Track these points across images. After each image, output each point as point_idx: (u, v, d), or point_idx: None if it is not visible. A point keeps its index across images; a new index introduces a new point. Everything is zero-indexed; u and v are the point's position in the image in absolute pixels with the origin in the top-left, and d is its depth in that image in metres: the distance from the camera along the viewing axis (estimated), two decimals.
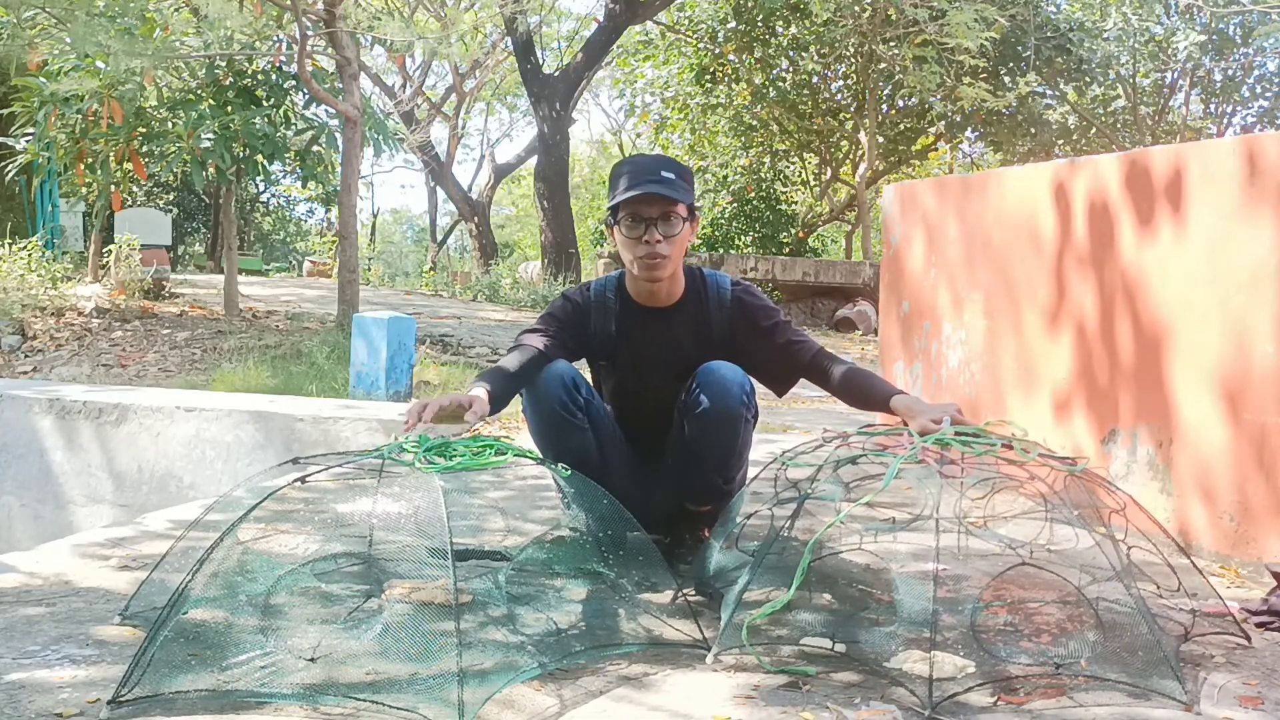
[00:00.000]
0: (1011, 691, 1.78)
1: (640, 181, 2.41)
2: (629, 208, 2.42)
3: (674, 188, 2.42)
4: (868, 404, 2.43)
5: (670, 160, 2.52)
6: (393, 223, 41.70)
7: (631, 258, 2.46)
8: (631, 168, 2.48)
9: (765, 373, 2.58)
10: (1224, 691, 1.80)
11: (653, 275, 2.47)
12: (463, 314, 12.19)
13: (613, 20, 14.82)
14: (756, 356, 2.55)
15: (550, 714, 1.68)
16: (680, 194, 2.43)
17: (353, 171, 8.65)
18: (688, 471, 2.46)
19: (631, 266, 2.49)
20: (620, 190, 2.43)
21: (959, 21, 11.72)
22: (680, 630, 2.03)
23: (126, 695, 1.64)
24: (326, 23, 8.37)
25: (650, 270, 2.46)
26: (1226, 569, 2.65)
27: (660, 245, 2.41)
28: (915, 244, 4.12)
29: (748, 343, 2.55)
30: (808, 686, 1.80)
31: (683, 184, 2.45)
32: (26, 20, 8.59)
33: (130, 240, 10.44)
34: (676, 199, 2.41)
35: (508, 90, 25.82)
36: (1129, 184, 3.01)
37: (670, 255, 2.44)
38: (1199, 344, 2.76)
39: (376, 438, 4.60)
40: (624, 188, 2.43)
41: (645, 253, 2.42)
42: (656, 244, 2.41)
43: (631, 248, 2.44)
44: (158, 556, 2.32)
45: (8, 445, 5.17)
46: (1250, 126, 17.95)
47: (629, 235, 2.43)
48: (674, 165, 2.49)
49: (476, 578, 2.30)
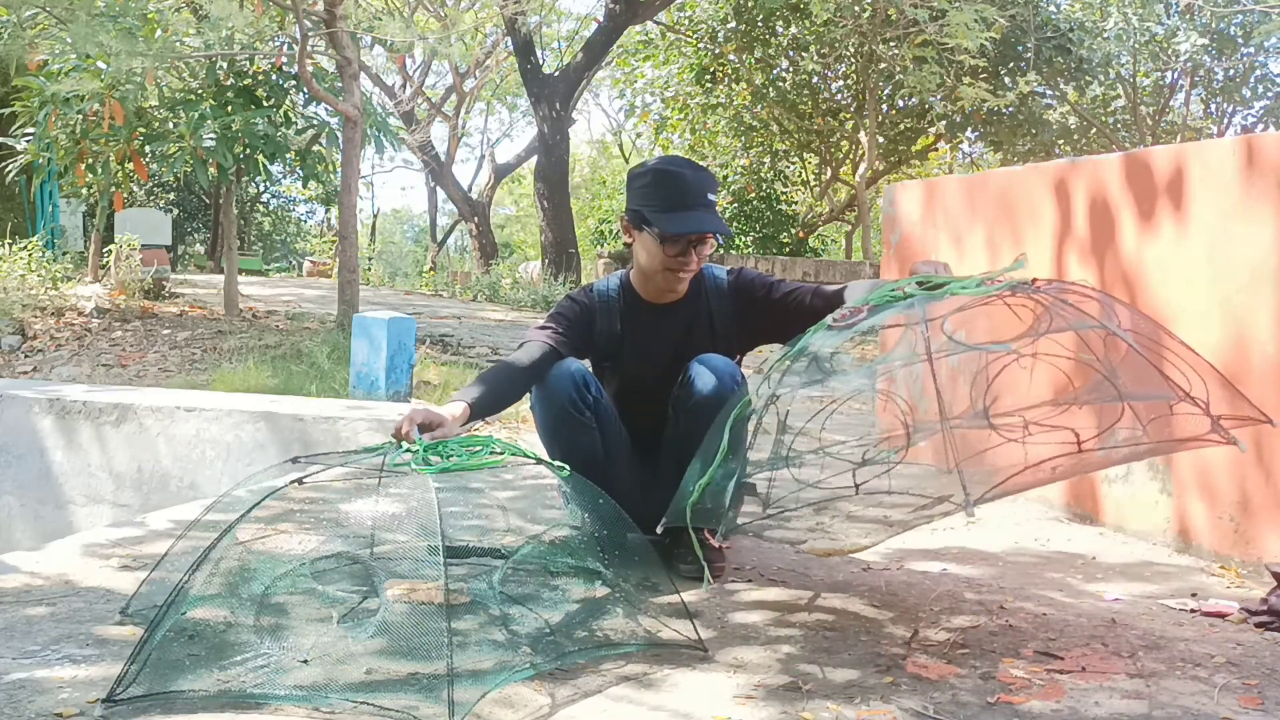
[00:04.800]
0: (1011, 691, 1.78)
1: (694, 206, 2.44)
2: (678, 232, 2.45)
3: (719, 218, 2.50)
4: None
5: (710, 176, 2.54)
6: (393, 223, 41.69)
7: (659, 269, 2.51)
8: (679, 187, 2.46)
9: (780, 332, 2.56)
10: (1224, 691, 1.80)
11: (677, 288, 2.56)
12: (463, 314, 12.19)
13: (613, 20, 14.82)
14: (766, 322, 2.59)
15: (548, 713, 1.68)
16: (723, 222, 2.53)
17: (353, 171, 8.65)
18: (683, 466, 2.46)
19: (655, 276, 2.54)
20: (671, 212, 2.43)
21: (959, 21, 11.71)
22: (679, 630, 2.03)
23: (122, 694, 1.64)
24: (327, 23, 8.37)
25: (677, 284, 2.55)
26: (1226, 569, 2.65)
27: (694, 264, 2.50)
28: (915, 243, 4.12)
29: (754, 315, 2.59)
30: (808, 686, 1.81)
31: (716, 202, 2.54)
32: (27, 20, 8.59)
33: (130, 240, 10.43)
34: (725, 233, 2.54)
35: (508, 90, 25.81)
36: (1129, 184, 3.01)
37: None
38: (1199, 343, 2.76)
39: (377, 438, 4.60)
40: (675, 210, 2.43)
41: (680, 269, 2.50)
42: (693, 264, 2.50)
43: (665, 261, 2.49)
44: (158, 556, 2.32)
45: (8, 445, 5.17)
46: (1251, 126, 17.94)
47: (668, 253, 2.47)
48: (714, 183, 2.53)
49: (476, 577, 2.30)
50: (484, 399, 2.24)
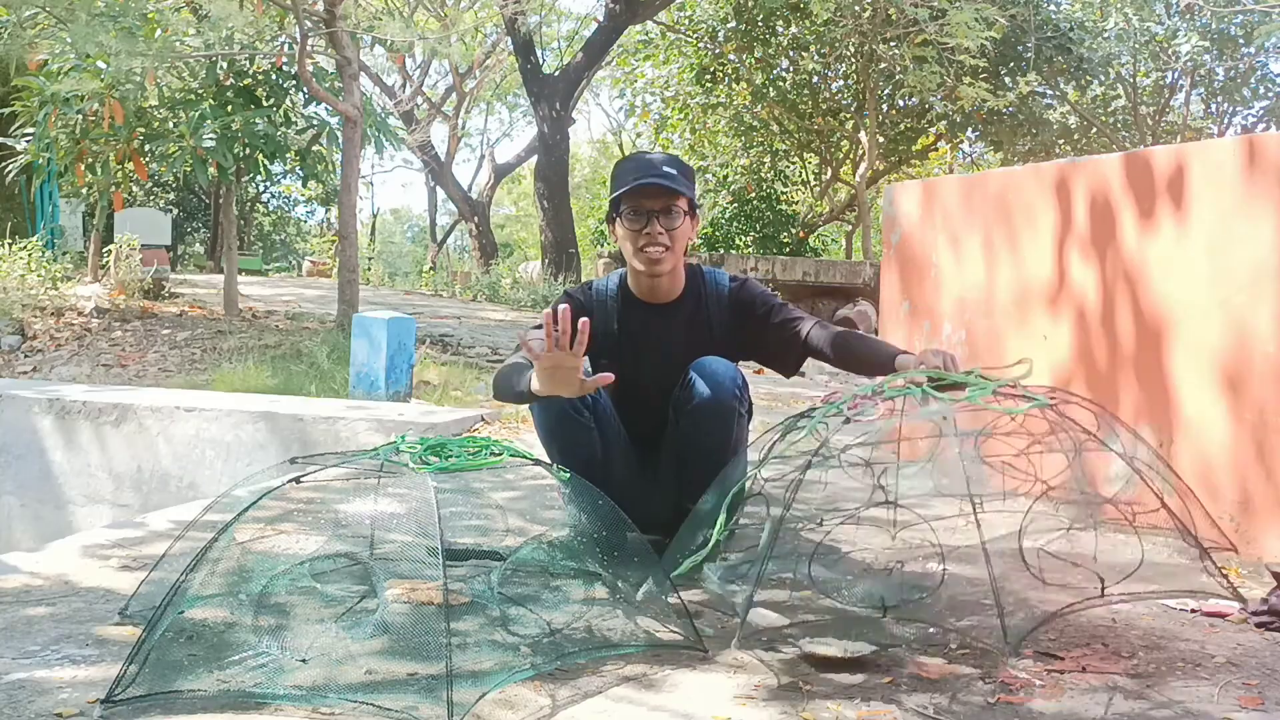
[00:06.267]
0: (1011, 691, 1.78)
1: (643, 175, 2.44)
2: (631, 200, 2.45)
3: (675, 181, 2.45)
4: (873, 369, 2.43)
5: (672, 157, 2.56)
6: (393, 222, 41.69)
7: (633, 249, 2.49)
8: (634, 163, 2.52)
9: (771, 357, 2.59)
10: (1224, 691, 1.80)
11: (654, 269, 2.49)
12: (463, 314, 12.18)
13: (613, 20, 14.81)
14: (759, 343, 2.57)
15: (549, 714, 1.68)
16: (682, 187, 2.46)
17: (353, 171, 8.65)
18: (683, 468, 2.47)
19: (633, 260, 2.51)
20: (623, 184, 2.46)
21: (959, 21, 11.71)
22: (678, 631, 2.03)
23: (122, 694, 1.64)
24: (326, 23, 8.37)
25: (652, 263, 2.48)
26: (1226, 569, 2.64)
27: (662, 237, 2.44)
28: (915, 243, 4.12)
29: (749, 332, 2.57)
30: (808, 686, 1.80)
31: (684, 179, 2.48)
32: (27, 20, 8.59)
33: (130, 240, 10.43)
34: (679, 191, 2.45)
35: (508, 90, 25.80)
36: (1130, 183, 3.01)
37: (672, 248, 2.47)
38: (1200, 343, 2.76)
39: (377, 438, 4.60)
40: (627, 181, 2.46)
41: (646, 243, 2.45)
42: (658, 235, 2.44)
43: (633, 239, 2.47)
44: (158, 556, 2.32)
45: (8, 445, 5.17)
46: (1251, 126, 17.93)
47: (631, 227, 2.46)
48: (676, 162, 2.52)
49: (476, 578, 2.30)
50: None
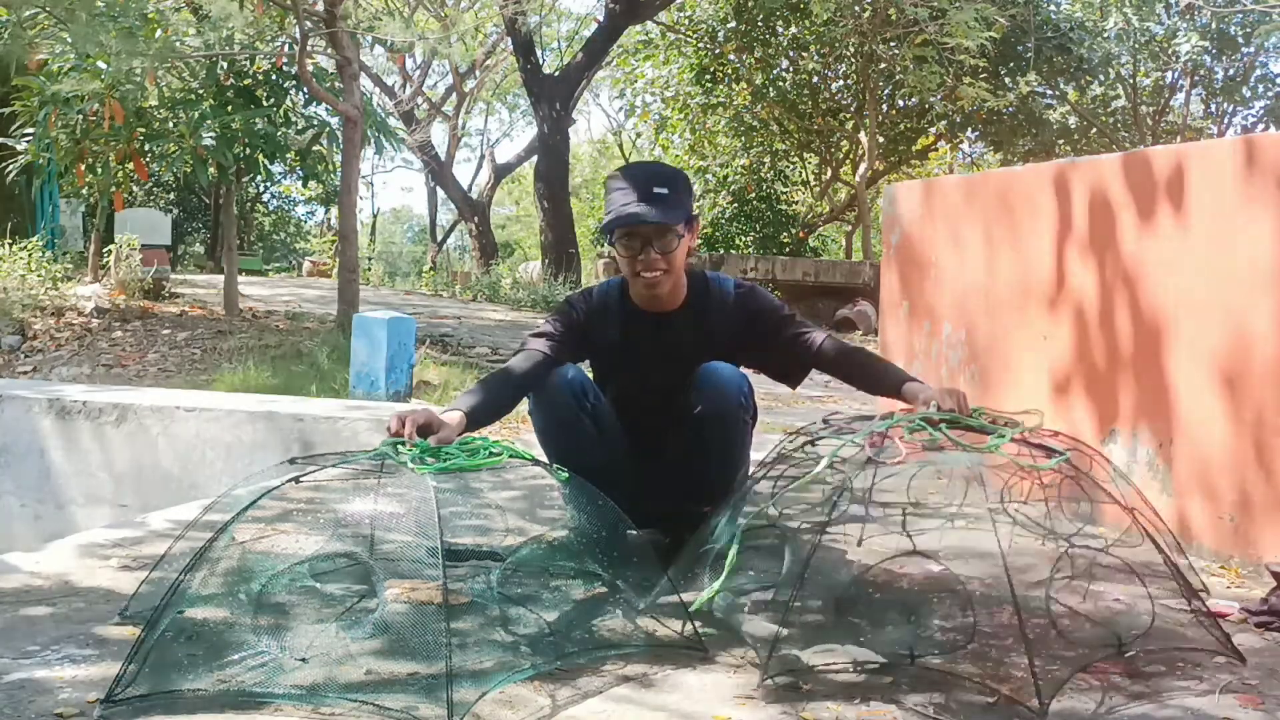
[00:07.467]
0: (1012, 692, 1.78)
1: (631, 200, 2.36)
2: (621, 230, 2.40)
3: (666, 205, 2.37)
4: (879, 391, 2.44)
5: (663, 171, 2.48)
6: (393, 223, 41.69)
7: (630, 272, 2.47)
8: (623, 183, 2.43)
9: (775, 368, 2.58)
10: (1224, 691, 1.80)
11: (652, 291, 2.48)
12: (463, 314, 12.18)
13: (613, 20, 14.81)
14: (764, 353, 2.55)
15: (549, 713, 1.68)
16: (671, 213, 2.37)
17: (353, 171, 8.66)
18: (688, 472, 2.46)
19: (631, 281, 2.50)
20: (612, 209, 2.40)
21: (959, 21, 11.71)
22: (677, 631, 2.03)
23: (121, 694, 1.64)
24: (327, 23, 8.37)
25: (649, 287, 2.46)
26: (1226, 569, 2.64)
27: (658, 262, 2.40)
28: (915, 243, 4.12)
29: (753, 341, 2.54)
30: (808, 686, 1.80)
31: (675, 198, 2.40)
32: (27, 20, 8.59)
33: (130, 240, 10.43)
34: (666, 223, 2.37)
35: (508, 90, 25.80)
36: (1129, 183, 3.01)
37: (669, 269, 2.43)
38: (1199, 344, 2.76)
39: (376, 438, 4.58)
40: (615, 206, 2.39)
41: (642, 269, 2.42)
42: (655, 262, 2.40)
43: (629, 264, 2.44)
44: (158, 557, 2.32)
45: (8, 445, 5.17)
46: (1251, 126, 17.93)
47: (624, 254, 2.43)
48: (667, 177, 2.44)
49: (476, 578, 2.30)
50: (480, 408, 2.20)
